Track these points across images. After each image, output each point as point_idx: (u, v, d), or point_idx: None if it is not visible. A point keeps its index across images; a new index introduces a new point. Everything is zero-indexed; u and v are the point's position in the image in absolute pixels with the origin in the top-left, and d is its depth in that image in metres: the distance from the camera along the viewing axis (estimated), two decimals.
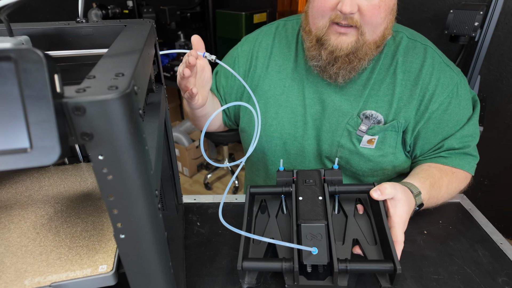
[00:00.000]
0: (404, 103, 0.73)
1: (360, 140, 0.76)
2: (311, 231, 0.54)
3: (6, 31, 0.38)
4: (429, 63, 0.74)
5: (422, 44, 0.77)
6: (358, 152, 0.76)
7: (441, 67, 0.74)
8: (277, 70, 0.82)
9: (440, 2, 1.64)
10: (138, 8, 2.33)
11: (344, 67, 0.70)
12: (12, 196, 0.50)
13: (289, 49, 0.82)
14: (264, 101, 0.83)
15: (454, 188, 0.75)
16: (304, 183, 0.64)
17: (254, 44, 0.86)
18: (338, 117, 0.77)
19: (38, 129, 0.21)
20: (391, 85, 0.74)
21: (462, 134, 0.75)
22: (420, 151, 0.78)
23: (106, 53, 0.33)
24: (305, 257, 0.51)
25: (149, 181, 0.29)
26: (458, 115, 0.74)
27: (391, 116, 0.74)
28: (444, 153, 0.76)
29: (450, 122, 0.74)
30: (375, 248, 0.57)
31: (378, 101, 0.75)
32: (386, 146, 0.76)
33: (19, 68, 0.20)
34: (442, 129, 0.74)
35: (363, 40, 0.67)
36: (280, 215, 0.66)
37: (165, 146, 0.60)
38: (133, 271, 0.33)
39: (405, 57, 0.75)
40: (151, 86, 0.50)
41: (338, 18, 0.65)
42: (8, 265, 0.38)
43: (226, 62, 0.90)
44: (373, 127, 0.74)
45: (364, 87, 0.75)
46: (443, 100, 0.72)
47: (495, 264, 0.63)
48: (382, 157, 0.76)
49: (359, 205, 0.65)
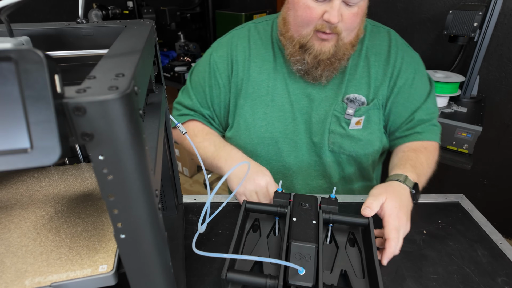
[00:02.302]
0: (380, 82, 0.81)
1: (348, 123, 0.82)
2: (300, 251, 0.54)
3: (6, 32, 0.38)
4: (394, 43, 0.83)
5: (384, 29, 0.86)
6: (349, 135, 0.82)
7: (403, 47, 0.84)
8: (258, 72, 0.84)
9: (439, 3, 1.64)
10: (138, 8, 2.33)
11: (327, 68, 0.77)
12: (12, 196, 0.50)
13: (266, 50, 0.85)
14: (251, 103, 0.85)
15: (432, 161, 0.80)
16: (299, 206, 0.65)
17: (231, 48, 0.86)
18: (325, 106, 0.83)
19: (38, 129, 0.21)
20: (365, 67, 0.82)
21: (427, 107, 0.83)
22: (394, 125, 0.85)
23: (107, 53, 0.33)
24: (291, 276, 0.51)
25: (149, 181, 0.29)
26: (421, 89, 0.83)
27: (371, 95, 0.82)
28: (418, 128, 0.83)
29: (416, 95, 0.82)
30: (363, 282, 0.56)
31: (357, 84, 0.82)
32: (371, 124, 0.83)
33: (19, 68, 0.20)
34: (410, 102, 0.82)
35: (342, 43, 0.74)
36: (271, 236, 0.66)
37: (165, 146, 0.61)
38: (133, 271, 0.33)
39: (373, 41, 0.83)
40: (151, 87, 0.51)
41: (323, 27, 0.70)
42: (9, 265, 0.38)
43: (202, 71, 0.89)
44: (359, 109, 0.81)
45: (343, 75, 0.82)
46: (408, 75, 0.81)
47: (494, 264, 0.64)
48: (370, 135, 0.83)
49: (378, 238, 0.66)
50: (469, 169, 1.32)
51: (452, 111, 1.44)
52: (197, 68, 0.92)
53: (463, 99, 1.54)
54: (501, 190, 1.81)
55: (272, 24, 0.88)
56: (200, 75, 0.89)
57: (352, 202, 0.81)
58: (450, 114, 1.41)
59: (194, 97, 0.90)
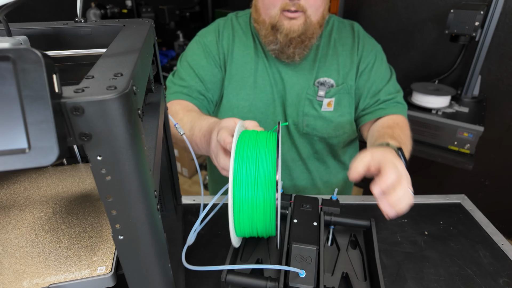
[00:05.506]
0: (348, 69, 0.90)
1: (321, 105, 0.90)
2: (301, 253, 0.54)
3: (4, 31, 0.38)
4: (356, 34, 0.92)
5: (348, 23, 0.95)
6: (321, 116, 0.90)
7: (364, 37, 0.93)
8: (241, 55, 0.91)
9: (441, 2, 1.64)
10: (137, 7, 2.33)
11: (299, 46, 0.83)
12: (10, 197, 0.50)
13: (247, 38, 0.93)
14: (234, 84, 0.91)
15: (407, 135, 0.83)
16: (300, 207, 0.64)
17: (218, 35, 0.93)
18: (297, 90, 0.90)
19: (36, 130, 0.21)
20: (334, 56, 0.91)
21: (388, 89, 0.91)
22: (360, 106, 0.92)
23: (105, 53, 0.32)
24: (291, 279, 0.50)
25: (148, 181, 0.29)
26: (382, 73, 0.92)
27: (341, 80, 0.90)
28: (382, 105, 0.90)
29: (377, 78, 0.90)
30: (364, 284, 0.56)
31: (326, 70, 0.90)
32: (341, 107, 0.91)
33: (17, 68, 0.20)
34: (371, 83, 0.90)
35: (310, 21, 0.81)
36: (272, 238, 0.65)
37: (164, 147, 0.60)
38: (131, 273, 0.32)
39: (339, 34, 0.93)
40: (150, 86, 0.50)
41: (288, 6, 0.78)
42: (6, 267, 0.37)
43: (195, 51, 0.93)
44: (329, 91, 0.89)
45: (314, 62, 0.90)
46: (369, 61, 0.90)
47: (496, 265, 0.63)
48: (341, 117, 0.91)
49: None
50: (471, 170, 1.31)
51: (453, 111, 1.43)
52: (189, 51, 0.95)
53: (464, 99, 1.54)
54: (503, 190, 1.81)
55: (249, 17, 0.95)
56: (195, 56, 0.92)
57: (354, 203, 0.80)
58: (451, 114, 1.40)
59: (187, 75, 0.91)
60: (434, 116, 1.38)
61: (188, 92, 0.89)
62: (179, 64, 0.95)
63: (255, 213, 0.48)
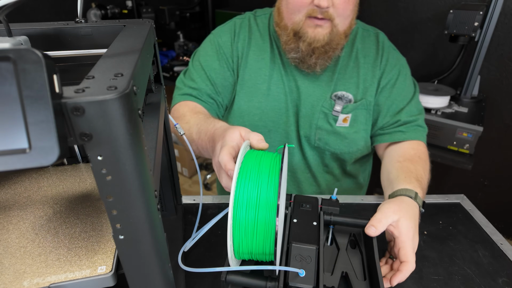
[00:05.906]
0: (369, 83, 0.84)
1: (336, 120, 0.84)
2: (301, 252, 0.54)
3: (5, 31, 0.38)
4: (381, 46, 0.85)
5: (373, 32, 0.88)
6: (335, 132, 0.84)
7: (389, 50, 0.86)
8: (256, 60, 0.86)
9: (440, 2, 1.64)
10: (137, 8, 2.33)
11: (322, 56, 0.78)
12: (10, 197, 0.50)
13: (264, 41, 0.87)
14: (247, 90, 0.86)
15: (428, 172, 0.79)
16: (300, 207, 0.64)
17: (234, 36, 0.88)
18: (312, 101, 0.84)
19: (37, 130, 0.21)
20: (355, 68, 0.84)
21: (410, 109, 0.84)
22: (378, 124, 0.86)
23: (105, 53, 0.32)
24: (291, 279, 0.50)
25: (148, 181, 0.29)
26: (404, 91, 0.85)
27: (360, 95, 0.84)
28: (402, 128, 0.84)
29: (398, 96, 0.84)
30: (363, 284, 0.56)
31: (345, 83, 0.84)
32: (358, 123, 0.85)
33: (18, 68, 0.20)
34: (392, 102, 0.84)
35: (336, 31, 0.75)
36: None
37: (165, 147, 0.60)
38: (132, 272, 0.32)
39: (363, 44, 0.86)
40: (150, 87, 0.50)
41: (314, 12, 0.72)
42: (7, 266, 0.37)
43: (208, 51, 0.88)
44: (347, 106, 0.83)
45: (333, 73, 0.84)
46: (392, 76, 0.84)
47: (495, 265, 0.63)
48: (356, 134, 0.85)
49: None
50: (470, 170, 1.31)
51: (453, 111, 1.43)
52: (202, 51, 0.90)
53: (463, 99, 1.54)
54: (502, 190, 1.81)
55: (269, 17, 0.89)
56: (208, 57, 0.88)
57: (353, 203, 0.81)
58: (451, 114, 1.41)
59: (198, 77, 0.87)
60: (433, 116, 1.39)
61: (198, 95, 0.86)
62: (191, 62, 0.92)
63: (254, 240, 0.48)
